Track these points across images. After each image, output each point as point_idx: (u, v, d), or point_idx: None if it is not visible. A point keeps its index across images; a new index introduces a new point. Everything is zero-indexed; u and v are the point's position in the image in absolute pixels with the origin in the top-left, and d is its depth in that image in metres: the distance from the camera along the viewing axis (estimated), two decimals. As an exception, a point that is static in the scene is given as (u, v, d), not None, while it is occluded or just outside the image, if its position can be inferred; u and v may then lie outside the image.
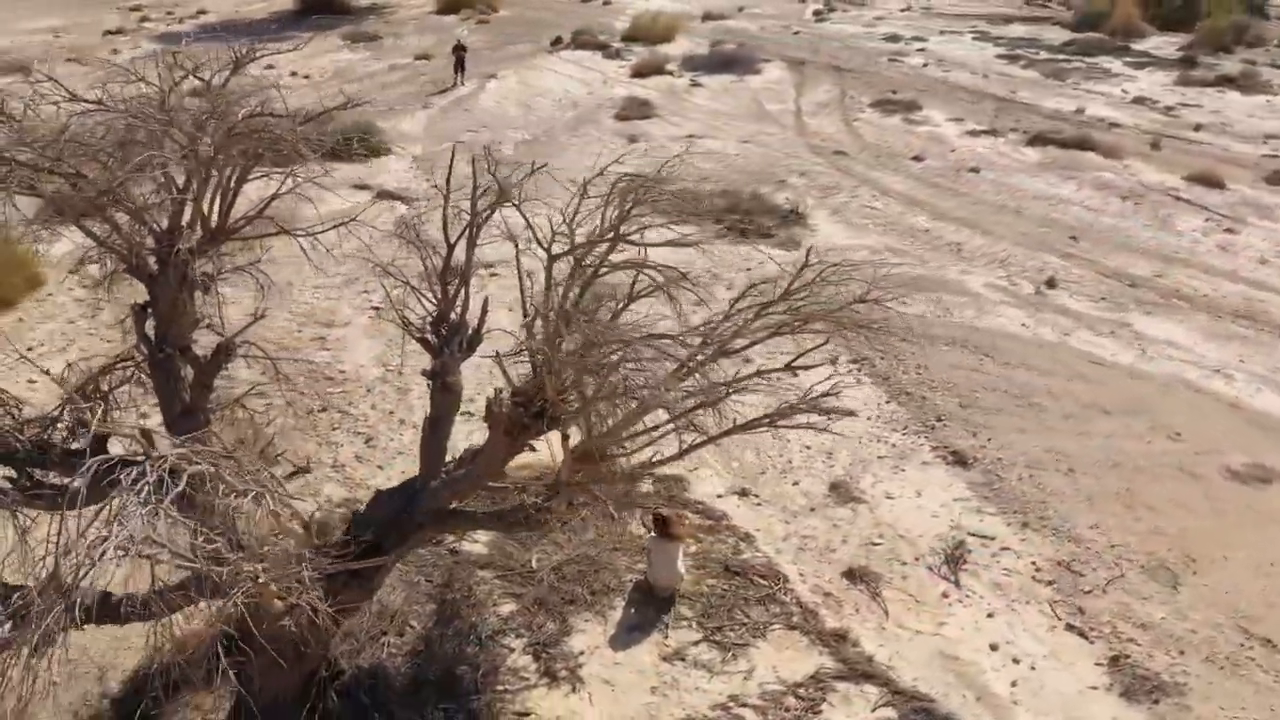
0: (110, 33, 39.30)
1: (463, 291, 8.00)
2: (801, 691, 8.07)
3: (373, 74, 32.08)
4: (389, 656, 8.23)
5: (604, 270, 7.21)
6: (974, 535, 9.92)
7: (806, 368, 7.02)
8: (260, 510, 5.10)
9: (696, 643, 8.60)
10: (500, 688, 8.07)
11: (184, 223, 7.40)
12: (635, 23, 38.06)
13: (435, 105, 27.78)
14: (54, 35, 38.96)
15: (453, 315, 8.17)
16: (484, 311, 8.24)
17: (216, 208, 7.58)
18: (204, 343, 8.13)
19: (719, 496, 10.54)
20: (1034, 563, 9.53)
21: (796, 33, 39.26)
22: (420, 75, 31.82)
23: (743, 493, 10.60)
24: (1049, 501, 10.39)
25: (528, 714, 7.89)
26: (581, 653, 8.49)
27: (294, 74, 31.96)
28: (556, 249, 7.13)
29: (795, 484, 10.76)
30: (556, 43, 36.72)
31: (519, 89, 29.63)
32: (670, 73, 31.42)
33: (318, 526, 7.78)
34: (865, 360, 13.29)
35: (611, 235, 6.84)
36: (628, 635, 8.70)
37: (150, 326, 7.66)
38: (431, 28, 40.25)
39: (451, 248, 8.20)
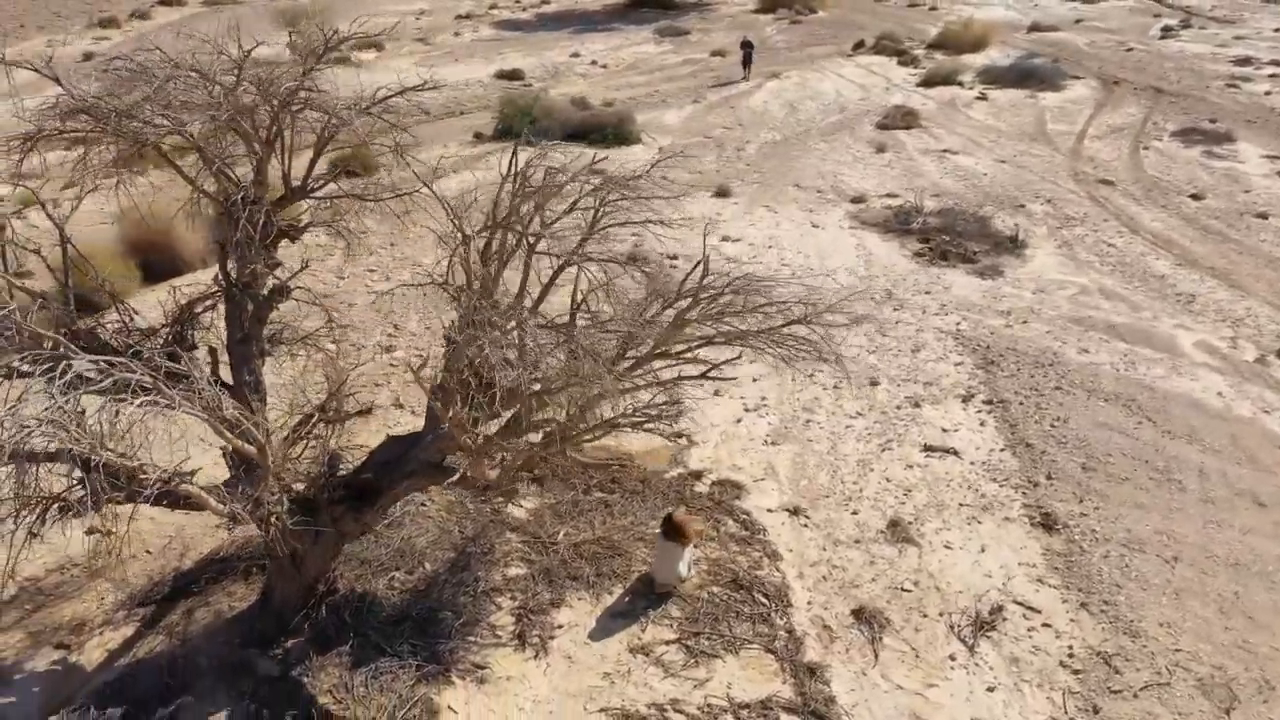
0: (460, 17, 43.93)
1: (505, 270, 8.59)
2: (743, 713, 7.91)
3: (664, 66, 33.44)
4: (387, 588, 9.06)
5: (574, 262, 7.50)
6: (1019, 604, 9.05)
7: (721, 379, 6.86)
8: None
9: (668, 642, 8.65)
10: (472, 639, 8.64)
11: (262, 178, 8.60)
12: (946, 30, 36.56)
13: (705, 100, 28.54)
14: (416, 17, 44.23)
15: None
16: (521, 288, 8.82)
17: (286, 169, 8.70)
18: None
19: (769, 511, 10.37)
20: (1070, 647, 8.54)
21: (1130, 50, 35.75)
22: (709, 70, 32.75)
23: (795, 511, 10.35)
24: (1125, 587, 9.20)
25: (484, 667, 8.40)
26: (560, 626, 8.85)
27: (594, 62, 34.18)
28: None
29: (854, 513, 10.33)
30: (858, 46, 36.22)
31: (794, 90, 29.66)
32: (959, 83, 29.97)
33: (329, 458, 8.78)
34: (1002, 403, 12.33)
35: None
36: (610, 621, 8.92)
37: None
38: (744, 25, 41.08)
39: (495, 228, 8.83)
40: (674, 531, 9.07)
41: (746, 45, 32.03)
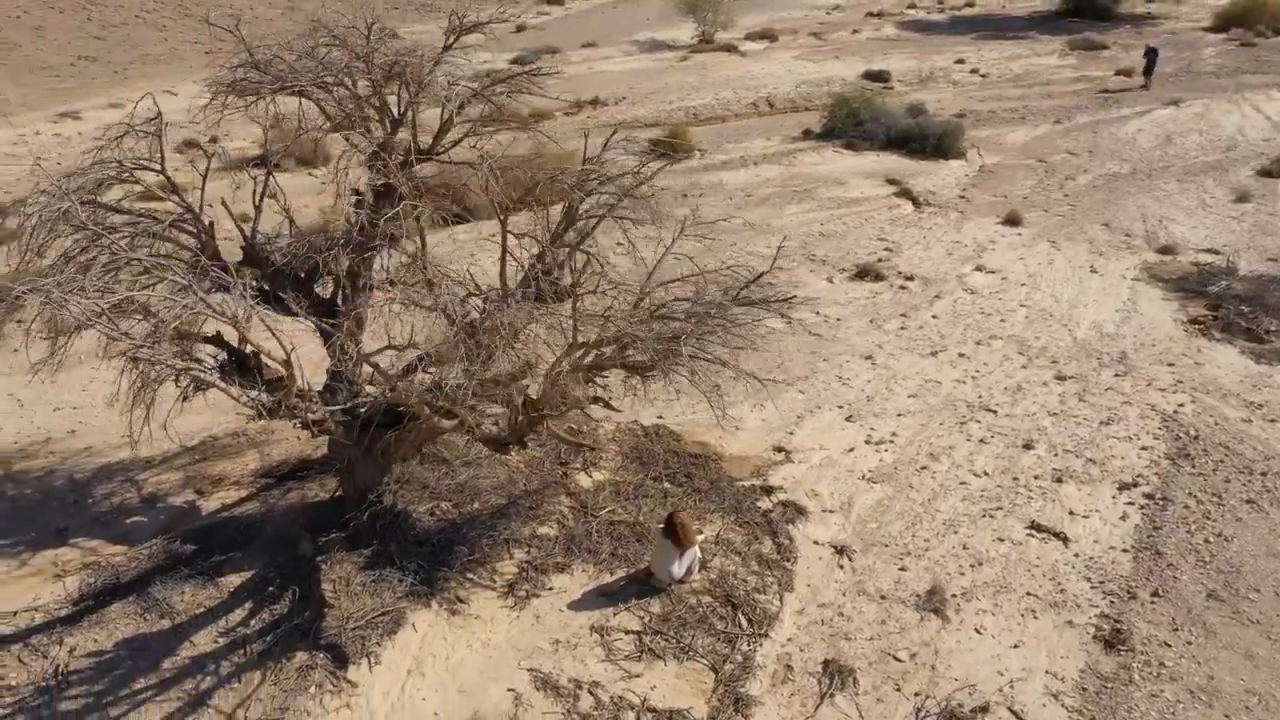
0: (871, 14, 43.58)
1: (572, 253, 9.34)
2: (646, 717, 7.97)
3: (1051, 81, 30.91)
4: (427, 514, 10.16)
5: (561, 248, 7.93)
6: (1012, 711, 7.99)
7: (606, 384, 6.95)
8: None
9: (629, 632, 8.84)
10: (470, 575, 9.48)
11: (389, 138, 9.97)
12: None
13: (1070, 121, 26.11)
14: (828, 11, 44.67)
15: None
16: (584, 267, 9.41)
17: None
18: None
19: (815, 543, 9.99)
20: (1034, 774, 7.45)
21: None
22: (1101, 91, 29.73)
23: (841, 550, 9.86)
24: (1152, 734, 7.73)
25: (464, 601, 9.21)
26: (551, 589, 9.38)
27: (974, 70, 32.50)
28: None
29: (902, 569, 9.61)
30: (1310, 78, 30.72)
31: (1186, 120, 26.05)
32: None
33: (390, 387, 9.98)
34: (1165, 500, 10.55)
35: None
36: (596, 597, 9.27)
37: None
38: (1181, 44, 36.51)
39: (567, 214, 9.49)
40: (672, 532, 9.18)
41: (1150, 52, 28.78)
